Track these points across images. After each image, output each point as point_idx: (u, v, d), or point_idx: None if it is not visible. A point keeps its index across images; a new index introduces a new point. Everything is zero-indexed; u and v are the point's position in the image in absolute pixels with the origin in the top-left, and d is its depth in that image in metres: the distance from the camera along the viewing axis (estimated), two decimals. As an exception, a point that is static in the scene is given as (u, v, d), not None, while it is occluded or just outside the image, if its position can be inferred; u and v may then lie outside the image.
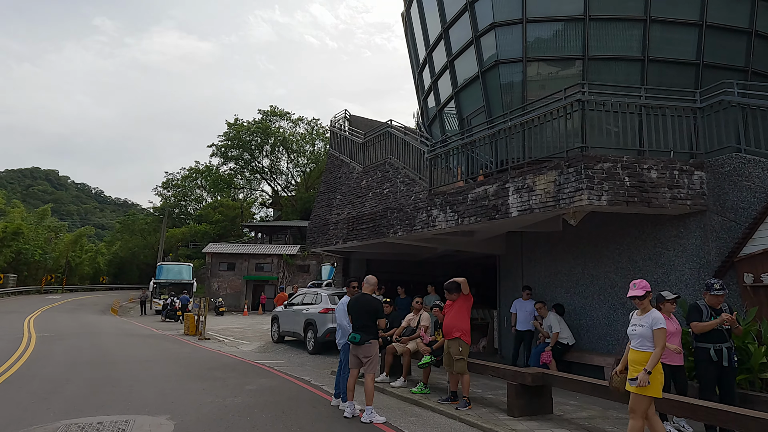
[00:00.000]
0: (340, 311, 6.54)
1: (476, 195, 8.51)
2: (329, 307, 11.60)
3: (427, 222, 9.66)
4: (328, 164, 15.23)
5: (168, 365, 9.91)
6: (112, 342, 14.20)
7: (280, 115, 56.85)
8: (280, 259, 36.70)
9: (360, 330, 5.94)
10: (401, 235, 10.40)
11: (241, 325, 22.34)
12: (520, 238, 10.65)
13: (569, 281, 9.13)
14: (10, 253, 42.28)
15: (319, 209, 14.68)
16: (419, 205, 9.98)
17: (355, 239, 12.08)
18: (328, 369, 9.70)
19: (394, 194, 11.00)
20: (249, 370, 9.58)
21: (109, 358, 10.75)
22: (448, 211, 9.15)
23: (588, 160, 6.76)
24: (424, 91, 14.27)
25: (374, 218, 11.44)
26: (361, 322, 5.97)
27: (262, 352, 12.69)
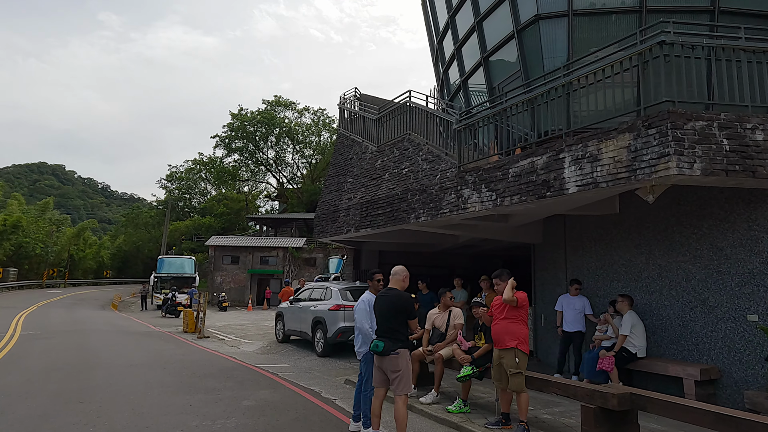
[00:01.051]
0: (360, 311, 5.12)
1: (520, 169, 7.03)
2: (340, 304, 10.20)
3: (456, 204, 8.20)
4: (337, 145, 13.77)
5: (156, 371, 8.54)
6: (102, 341, 12.89)
7: (285, 105, 55.37)
8: (285, 252, 35.38)
9: (386, 336, 4.53)
10: (424, 220, 8.95)
11: (244, 321, 21.03)
12: (562, 224, 9.17)
13: (629, 273, 7.65)
14: (10, 246, 41.25)
15: (327, 194, 13.25)
16: (446, 184, 8.52)
17: (369, 227, 10.65)
18: (340, 376, 8.30)
19: (415, 174, 9.54)
20: (248, 377, 8.20)
21: (91, 361, 9.41)
22: (483, 191, 7.68)
23: (676, 118, 5.26)
24: (445, 62, 12.76)
25: (392, 202, 9.99)
26: (388, 326, 4.56)
27: (264, 354, 11.33)
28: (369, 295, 5.24)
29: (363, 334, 5.05)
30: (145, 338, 14.09)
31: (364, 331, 5.03)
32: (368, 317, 5.05)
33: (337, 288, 10.62)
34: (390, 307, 4.52)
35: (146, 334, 15.54)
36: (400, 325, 4.51)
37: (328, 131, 55.67)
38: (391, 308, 4.51)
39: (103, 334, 14.63)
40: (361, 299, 5.19)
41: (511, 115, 7.96)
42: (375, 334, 4.68)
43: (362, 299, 5.17)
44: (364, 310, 5.08)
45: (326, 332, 10.18)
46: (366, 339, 5.03)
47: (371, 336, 4.99)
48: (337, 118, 52.05)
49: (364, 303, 5.13)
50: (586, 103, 6.62)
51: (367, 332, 5.00)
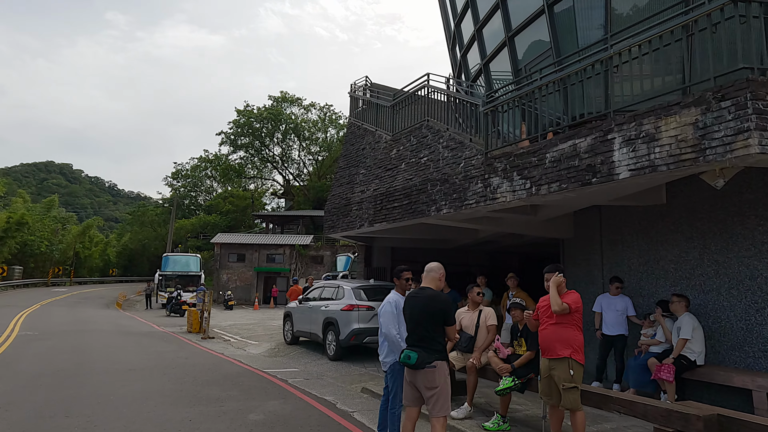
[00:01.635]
0: (386, 315, 4.36)
1: (559, 154, 6.25)
2: (354, 304, 9.47)
3: (483, 194, 7.42)
4: (348, 135, 13.02)
5: (155, 378, 7.84)
6: (101, 343, 12.24)
7: (292, 101, 54.72)
8: (292, 250, 34.73)
9: (419, 345, 3.78)
10: (447, 213, 8.18)
11: (250, 320, 20.37)
12: (597, 216, 8.38)
13: (679, 271, 6.85)
14: (15, 244, 40.85)
15: (338, 188, 12.50)
16: (472, 173, 7.74)
17: (384, 221, 9.90)
18: (356, 383, 7.57)
19: (436, 162, 8.78)
20: (255, 385, 7.48)
21: (86, 366, 8.73)
22: (515, 179, 6.90)
23: (757, 87, 4.46)
24: (464, 45, 11.96)
25: (409, 194, 9.23)
26: (421, 333, 3.81)
27: (272, 357, 10.62)
28: (396, 295, 4.50)
29: (390, 341, 4.30)
30: (146, 339, 13.43)
31: (391, 338, 4.28)
32: (395, 321, 4.31)
33: (350, 287, 9.88)
34: (424, 310, 3.77)
35: (148, 334, 14.89)
36: (437, 332, 3.75)
37: (335, 127, 55.00)
38: (425, 311, 3.76)
39: (103, 335, 13.99)
40: (386, 300, 4.44)
41: (541, 97, 7.17)
42: (405, 343, 3.92)
43: (388, 300, 4.42)
44: (391, 312, 4.33)
45: (339, 334, 9.44)
46: (393, 347, 4.28)
47: (400, 344, 4.25)
48: (345, 114, 50.63)
49: (390, 305, 4.37)
50: (632, 78, 5.83)
51: (395, 339, 4.25)
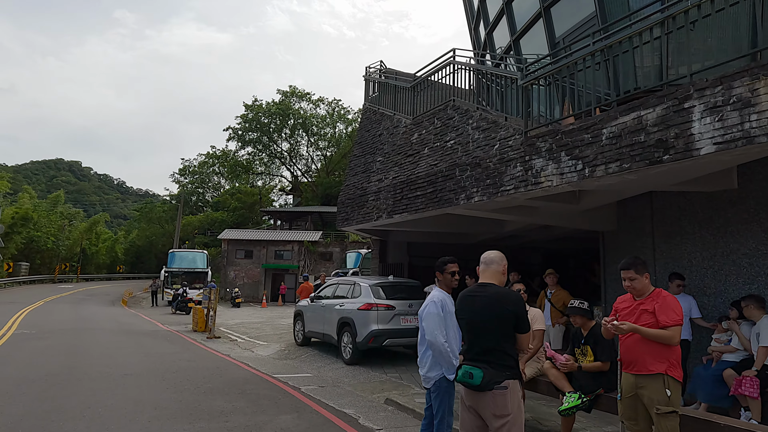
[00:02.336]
0: (430, 318, 3.48)
1: (619, 128, 5.32)
2: (372, 303, 8.60)
3: (523, 179, 6.51)
4: (363, 121, 12.14)
5: (152, 385, 7.02)
6: (100, 343, 11.47)
7: (300, 95, 53.90)
8: (300, 246, 33.94)
9: (483, 359, 2.87)
10: (479, 201, 7.28)
11: (258, 319, 19.58)
12: (648, 205, 7.44)
13: (754, 266, 5.91)
14: (21, 240, 40.44)
15: (352, 177, 11.63)
16: (509, 155, 6.83)
17: (405, 211, 9.01)
18: (378, 393, 6.70)
19: (465, 146, 7.87)
20: (264, 393, 6.63)
21: (79, 370, 7.93)
22: (563, 159, 5.98)
23: None
24: (489, 22, 11.02)
25: (434, 181, 8.33)
26: (486, 343, 2.90)
27: (282, 359, 9.78)
28: (441, 293, 3.61)
29: (436, 351, 3.41)
30: (149, 339, 12.66)
31: (437, 347, 3.39)
32: (442, 326, 3.43)
33: (368, 283, 9.01)
34: (490, 313, 2.87)
35: (151, 333, 14.12)
36: (507, 342, 2.85)
37: (344, 122, 54.16)
38: (491, 315, 2.86)
39: (103, 334, 13.23)
40: (430, 300, 3.55)
41: (585, 68, 6.25)
42: (462, 356, 3.03)
43: (432, 299, 3.53)
44: (437, 315, 3.45)
45: (355, 336, 8.57)
46: (441, 359, 3.41)
47: (449, 356, 3.37)
48: (353, 109, 49.69)
49: (434, 305, 3.49)
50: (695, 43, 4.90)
51: (443, 349, 3.37)
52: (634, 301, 3.60)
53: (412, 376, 7.71)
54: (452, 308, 3.60)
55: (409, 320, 8.65)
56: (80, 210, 62.28)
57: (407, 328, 8.60)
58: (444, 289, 3.67)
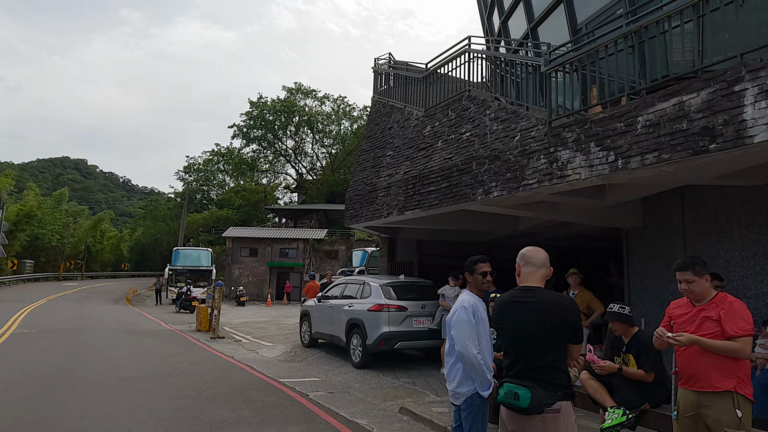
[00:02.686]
0: (461, 325, 3.03)
1: (657, 115, 4.87)
2: (383, 304, 8.17)
3: (548, 172, 6.07)
4: (372, 114, 11.71)
5: (151, 390, 6.64)
6: (100, 344, 11.11)
7: (306, 92, 53.48)
8: (306, 244, 33.58)
9: (530, 376, 2.41)
10: (498, 196, 6.84)
11: (263, 318, 19.23)
12: (679, 201, 6.98)
13: (802, 266, 5.44)
14: (25, 237, 40.29)
15: (361, 172, 11.20)
16: (531, 146, 6.39)
17: (417, 207, 8.58)
18: (391, 400, 6.28)
19: (482, 138, 7.43)
20: (270, 401, 6.22)
21: (75, 374, 7.56)
22: (592, 150, 5.54)
23: None
24: (504, 10, 10.55)
25: (449, 175, 7.90)
26: (534, 358, 2.44)
27: (289, 362, 9.38)
28: (471, 297, 3.17)
29: (467, 364, 2.97)
30: (151, 339, 12.30)
31: (469, 359, 2.95)
32: (474, 336, 3.00)
33: (378, 283, 8.58)
34: (541, 322, 2.41)
35: (154, 333, 13.77)
36: (560, 357, 2.41)
37: (349, 119, 53.73)
38: (543, 325, 2.40)
39: (104, 334, 12.89)
40: (459, 305, 3.11)
41: (608, 56, 5.82)
42: (499, 371, 2.59)
43: (462, 305, 3.09)
44: (467, 322, 3.01)
45: (365, 338, 8.15)
46: (473, 373, 2.97)
47: (483, 369, 2.94)
48: (359, 107, 49.29)
49: (465, 311, 3.05)
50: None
51: (475, 362, 2.93)
52: (692, 307, 3.16)
53: (426, 382, 7.29)
54: (485, 314, 3.17)
55: (421, 322, 8.23)
56: (85, 207, 62.14)
57: (420, 330, 8.17)
58: (474, 292, 3.23)
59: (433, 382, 7.28)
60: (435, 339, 8.12)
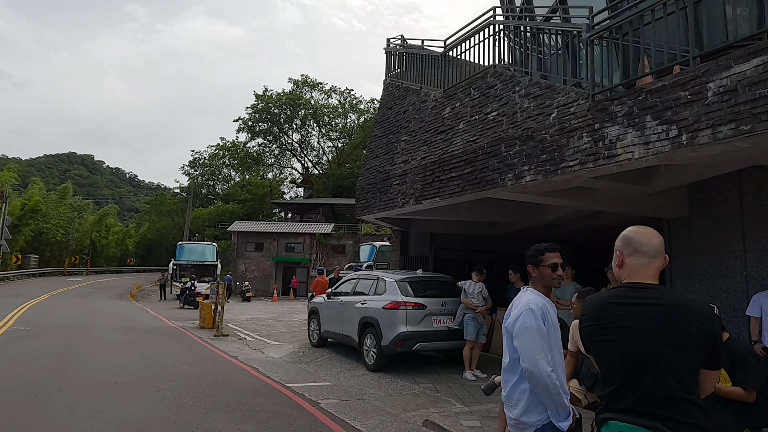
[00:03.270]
0: (529, 333, 2.27)
1: (734, 80, 4.10)
2: (400, 301, 7.45)
3: (593, 151, 5.31)
4: (385, 98, 10.95)
5: (145, 396, 5.97)
6: (97, 342, 10.49)
7: (312, 85, 52.71)
8: (312, 239, 32.93)
9: (654, 413, 1.64)
10: (531, 180, 6.09)
11: (269, 314, 18.60)
12: (736, 186, 6.21)
13: None
14: (30, 232, 39.92)
15: (373, 160, 10.47)
16: (571, 124, 5.63)
17: (436, 196, 7.84)
18: (412, 410, 5.57)
19: (511, 117, 6.67)
20: (277, 410, 5.54)
21: (64, 377, 6.91)
22: (648, 125, 4.77)
23: None
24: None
25: (473, 159, 7.15)
26: (659, 386, 1.66)
27: (296, 363, 8.71)
28: (538, 296, 2.44)
29: (540, 387, 2.23)
30: (151, 337, 11.67)
31: (541, 379, 2.21)
32: (546, 348, 2.27)
33: (394, 279, 7.86)
34: (666, 333, 1.67)
35: (155, 330, 13.15)
36: (693, 385, 1.68)
37: (356, 112, 52.92)
38: (671, 338, 1.67)
39: (103, 332, 12.27)
40: (525, 306, 2.36)
41: (654, 21, 5.05)
42: (603, 403, 1.85)
43: (529, 306, 2.35)
44: (537, 330, 2.28)
45: (380, 339, 7.44)
46: (547, 398, 2.23)
47: (558, 393, 2.22)
48: (366, 99, 48.33)
49: (533, 315, 2.31)
50: None
51: (549, 382, 2.20)
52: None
53: (449, 388, 6.58)
54: (556, 319, 2.44)
55: (442, 321, 7.51)
56: (90, 201, 61.79)
57: (440, 330, 7.46)
58: (540, 290, 2.50)
59: (456, 388, 6.57)
60: (456, 339, 7.41)
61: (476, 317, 7.17)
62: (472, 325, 7.10)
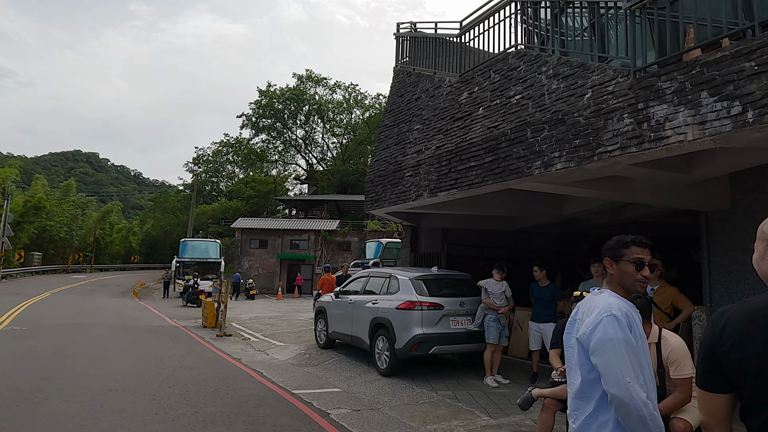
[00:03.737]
0: (614, 348, 1.67)
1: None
2: (415, 301, 6.90)
3: (636, 134, 4.73)
4: (395, 85, 10.38)
5: (139, 407, 5.45)
6: (93, 343, 10.01)
7: (316, 80, 52.13)
8: (317, 236, 32.43)
9: None
10: (562, 167, 5.51)
11: (273, 313, 18.10)
12: (789, 174, 5.60)
13: None
14: (33, 229, 39.61)
15: (383, 151, 9.90)
16: (609, 104, 5.05)
17: (453, 187, 7.27)
18: (433, 424, 5.03)
19: (537, 100, 6.09)
20: (282, 423, 5.01)
21: (53, 382, 6.42)
22: (705, 102, 4.19)
23: None
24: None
25: (495, 147, 6.58)
26: None
27: (303, 366, 8.18)
28: (620, 300, 1.88)
29: (633, 417, 1.66)
30: (150, 337, 11.18)
31: (634, 407, 1.64)
32: (637, 366, 1.72)
33: (408, 277, 7.30)
34: None
35: (156, 330, 12.67)
36: None
37: (361, 108, 52.31)
38: None
39: (101, 332, 11.80)
40: (605, 310, 1.79)
41: None
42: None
43: (610, 311, 1.77)
44: (625, 342, 1.72)
45: (394, 342, 6.89)
46: (645, 430, 1.68)
47: (657, 426, 1.67)
48: (371, 95, 47.64)
49: (617, 323, 1.74)
50: None
51: (644, 413, 1.65)
52: None
53: (470, 396, 6.03)
54: (641, 329, 1.89)
55: (460, 322, 6.96)
56: (92, 198, 61.50)
57: (458, 332, 6.91)
58: (620, 293, 1.94)
59: (478, 396, 6.02)
60: (476, 342, 6.87)
61: (498, 318, 6.62)
62: (494, 326, 6.55)
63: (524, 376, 7.05)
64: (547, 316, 6.80)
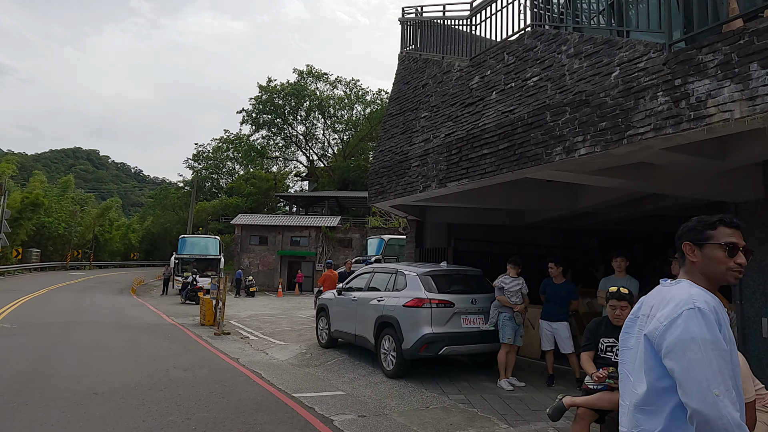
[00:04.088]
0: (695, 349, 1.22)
1: None
2: (423, 298, 6.45)
3: (672, 113, 4.27)
4: (401, 72, 9.91)
5: (125, 413, 5.02)
6: (85, 342, 9.59)
7: (317, 76, 51.60)
8: (318, 232, 31.99)
9: None
10: (587, 152, 5.06)
11: (273, 310, 17.67)
12: (835, 161, 5.14)
13: None
14: (32, 226, 39.20)
15: (388, 140, 9.44)
16: (641, 82, 4.59)
17: (464, 177, 6.82)
18: (445, 431, 4.58)
19: (557, 81, 5.63)
20: (283, 430, 4.56)
21: (36, 385, 5.98)
22: (754, 74, 3.74)
23: None
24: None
25: (510, 133, 6.12)
26: None
27: (304, 367, 7.74)
28: (705, 293, 1.44)
29: None
30: (146, 336, 10.75)
31: (722, 427, 1.22)
32: (728, 374, 1.28)
33: (416, 272, 6.85)
34: None
35: (151, 328, 12.24)
36: None
37: (362, 103, 51.78)
38: None
39: (94, 330, 11.37)
40: (686, 302, 1.33)
41: None
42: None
43: (694, 302, 1.32)
44: (713, 344, 1.29)
45: (401, 341, 6.45)
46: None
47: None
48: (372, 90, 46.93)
49: (703, 318, 1.31)
50: None
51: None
52: None
53: (484, 400, 5.59)
54: (730, 331, 1.44)
55: (472, 321, 6.51)
56: (91, 195, 61.09)
57: (470, 331, 6.46)
58: (704, 284, 1.50)
59: (493, 400, 5.58)
60: (489, 342, 6.43)
61: (514, 317, 6.17)
62: (509, 326, 6.11)
63: (539, 378, 6.61)
64: (560, 315, 6.39)
